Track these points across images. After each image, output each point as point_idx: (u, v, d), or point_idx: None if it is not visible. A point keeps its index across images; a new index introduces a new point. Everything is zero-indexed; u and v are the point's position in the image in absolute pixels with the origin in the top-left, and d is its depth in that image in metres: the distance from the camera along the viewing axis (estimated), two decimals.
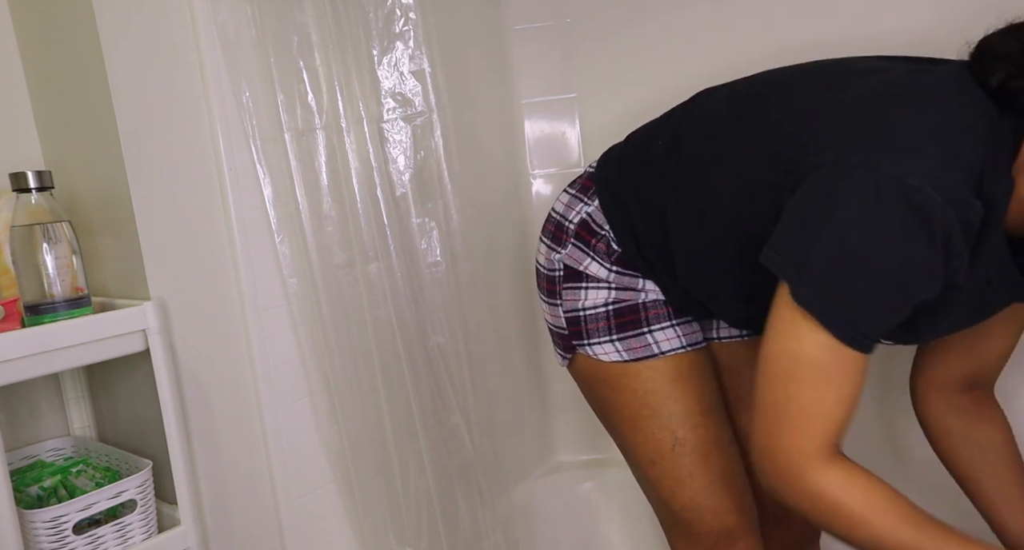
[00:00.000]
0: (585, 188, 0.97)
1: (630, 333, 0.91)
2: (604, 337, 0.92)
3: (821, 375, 0.67)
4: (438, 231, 1.18)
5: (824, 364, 0.67)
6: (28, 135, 1.09)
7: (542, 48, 1.55)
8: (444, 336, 1.20)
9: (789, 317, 0.68)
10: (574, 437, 1.69)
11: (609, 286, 0.92)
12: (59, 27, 1.00)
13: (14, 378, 0.83)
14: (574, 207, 0.96)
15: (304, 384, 1.16)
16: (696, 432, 0.91)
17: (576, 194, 0.97)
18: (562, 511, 1.61)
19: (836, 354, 0.66)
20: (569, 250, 0.94)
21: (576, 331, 0.94)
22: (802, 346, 0.67)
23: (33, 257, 0.88)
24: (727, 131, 0.82)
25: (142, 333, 0.93)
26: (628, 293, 0.92)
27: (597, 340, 0.92)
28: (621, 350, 0.91)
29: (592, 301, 0.92)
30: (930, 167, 0.63)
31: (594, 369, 0.94)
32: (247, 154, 1.07)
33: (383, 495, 1.20)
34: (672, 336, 0.92)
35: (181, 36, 1.01)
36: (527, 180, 1.60)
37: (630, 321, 0.92)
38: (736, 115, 0.83)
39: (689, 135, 0.87)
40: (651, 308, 0.92)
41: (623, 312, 0.92)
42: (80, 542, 0.89)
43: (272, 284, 1.11)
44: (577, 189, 0.98)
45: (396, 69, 1.15)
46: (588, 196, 0.95)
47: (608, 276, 0.92)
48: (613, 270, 0.92)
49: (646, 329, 0.92)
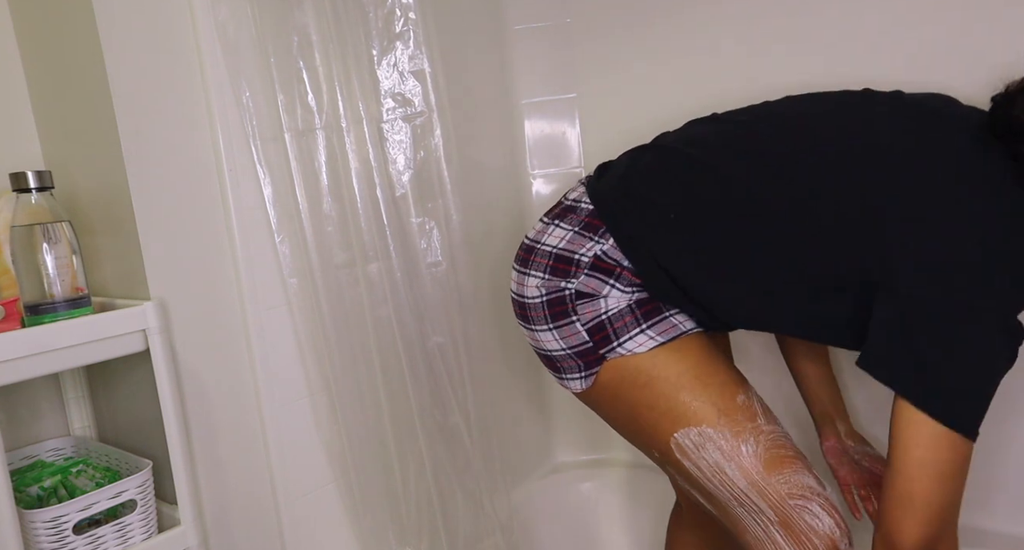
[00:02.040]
0: (592, 227, 0.92)
1: (656, 319, 0.91)
2: (634, 330, 0.90)
3: (959, 472, 0.77)
4: (438, 231, 1.18)
5: (960, 463, 0.77)
6: (28, 135, 1.09)
7: (542, 48, 1.55)
8: (444, 336, 1.20)
9: (927, 428, 0.76)
10: (574, 437, 1.69)
11: (629, 293, 0.92)
12: (59, 27, 1.00)
13: (14, 378, 0.84)
14: (582, 244, 0.92)
15: (304, 384, 1.16)
16: (750, 394, 0.92)
17: (580, 232, 0.93)
18: (562, 511, 1.61)
19: (965, 449, 0.76)
20: (583, 279, 0.91)
21: (602, 336, 0.91)
22: (940, 452, 0.76)
23: (33, 257, 0.88)
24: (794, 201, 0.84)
25: (142, 333, 0.93)
26: (647, 293, 0.92)
27: (628, 336, 0.90)
28: (655, 335, 0.90)
29: (615, 303, 0.91)
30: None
31: (625, 372, 0.91)
32: (247, 154, 1.07)
33: (383, 495, 1.20)
34: (686, 318, 0.93)
35: (181, 36, 1.01)
36: (527, 180, 1.60)
37: (653, 309, 0.91)
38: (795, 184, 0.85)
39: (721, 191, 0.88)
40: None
41: (643, 302, 0.91)
42: (80, 542, 0.89)
43: (272, 284, 1.11)
44: (580, 227, 0.93)
45: (396, 69, 1.15)
46: (599, 235, 0.92)
47: (631, 299, 0.91)
48: (635, 291, 0.91)
49: (668, 313, 0.92)
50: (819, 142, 0.85)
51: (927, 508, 0.77)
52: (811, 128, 0.87)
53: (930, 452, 0.76)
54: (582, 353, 0.92)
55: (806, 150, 0.84)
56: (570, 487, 1.63)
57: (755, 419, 0.88)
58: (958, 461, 0.76)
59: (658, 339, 0.90)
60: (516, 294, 0.99)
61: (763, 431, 0.88)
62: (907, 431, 0.77)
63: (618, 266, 0.91)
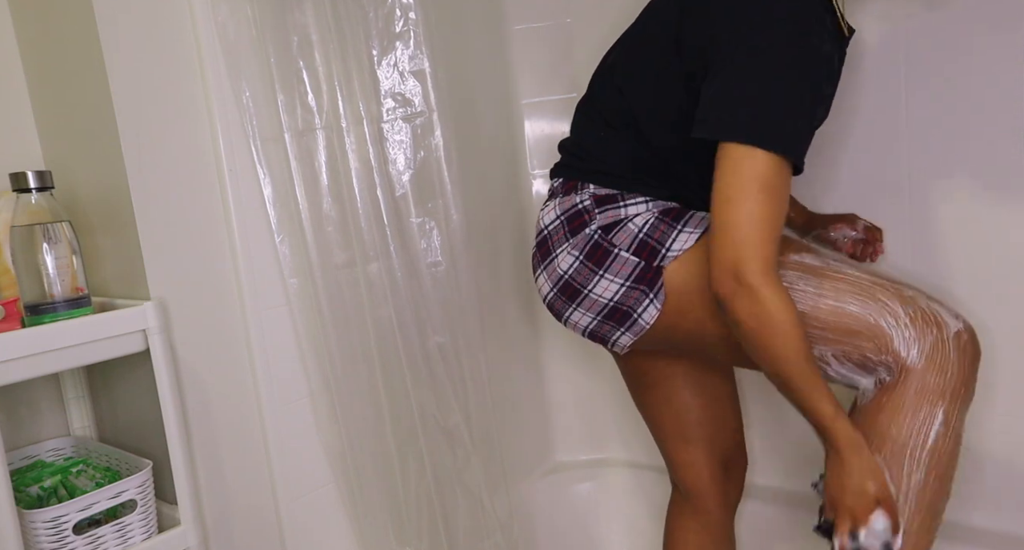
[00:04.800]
0: (569, 188, 1.02)
1: (686, 217, 0.97)
2: (674, 233, 0.96)
3: (774, 193, 0.83)
4: (438, 231, 1.18)
5: (774, 182, 0.82)
6: (28, 135, 1.09)
7: (542, 48, 1.55)
8: (444, 336, 1.19)
9: (738, 154, 0.82)
10: (574, 437, 1.69)
11: (649, 210, 0.98)
12: (59, 27, 1.00)
13: (14, 378, 0.84)
14: (573, 199, 1.01)
15: (304, 384, 1.16)
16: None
17: (564, 195, 1.03)
18: (562, 511, 1.61)
19: (782, 172, 0.83)
20: (600, 216, 0.98)
21: (650, 250, 0.95)
22: (756, 170, 0.82)
23: (33, 257, 0.88)
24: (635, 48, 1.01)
25: (142, 333, 0.93)
26: (665, 203, 0.99)
27: (672, 239, 0.95)
28: (693, 229, 0.96)
29: (643, 221, 0.96)
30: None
31: (690, 266, 0.94)
32: (247, 154, 1.07)
33: (383, 495, 1.20)
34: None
35: (181, 36, 1.01)
36: (527, 180, 1.60)
37: (678, 213, 0.98)
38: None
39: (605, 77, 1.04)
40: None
41: (668, 211, 0.98)
42: (80, 542, 0.89)
43: (272, 284, 1.11)
44: (562, 193, 1.03)
45: (396, 69, 1.15)
46: (580, 189, 1.01)
47: (648, 206, 0.98)
48: (648, 199, 0.98)
49: (693, 212, 0.99)
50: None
51: (736, 230, 0.82)
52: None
53: (743, 179, 0.82)
54: (639, 276, 0.95)
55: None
56: (570, 487, 1.63)
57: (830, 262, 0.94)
58: (775, 184, 0.82)
59: (697, 231, 0.95)
60: (555, 283, 1.01)
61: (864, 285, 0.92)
62: (723, 165, 0.84)
63: (612, 191, 0.99)
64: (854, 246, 1.20)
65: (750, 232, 0.81)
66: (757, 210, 0.81)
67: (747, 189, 0.82)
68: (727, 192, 0.83)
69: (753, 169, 0.82)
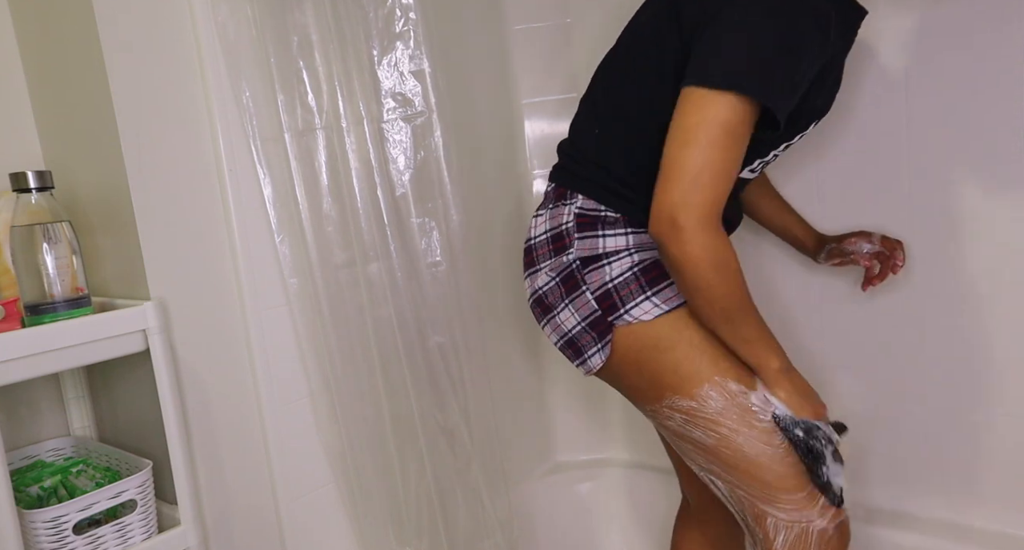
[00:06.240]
0: (561, 196, 1.00)
1: (661, 286, 0.93)
2: (639, 297, 0.93)
3: (737, 140, 0.81)
4: (438, 231, 1.18)
5: (739, 130, 0.81)
6: (28, 135, 1.09)
7: (542, 48, 1.55)
8: (444, 336, 1.20)
9: (704, 96, 0.80)
10: (574, 437, 1.69)
11: (629, 252, 0.94)
12: (59, 27, 1.00)
13: (14, 378, 0.84)
14: (560, 214, 0.98)
15: (304, 384, 1.16)
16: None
17: (555, 206, 1.00)
18: (562, 511, 1.61)
19: (748, 119, 0.81)
20: (579, 244, 0.95)
21: (610, 304, 0.93)
22: (721, 114, 0.80)
23: (33, 257, 0.88)
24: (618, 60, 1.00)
25: (142, 333, 0.93)
26: (649, 252, 0.94)
27: (633, 303, 0.93)
28: (659, 302, 0.92)
29: (619, 270, 0.93)
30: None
31: (639, 337, 0.93)
32: (247, 154, 1.07)
33: (383, 495, 1.20)
34: None
35: (181, 36, 1.01)
36: (527, 180, 1.60)
37: (657, 276, 0.93)
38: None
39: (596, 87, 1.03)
40: None
41: (648, 269, 0.94)
42: (80, 542, 0.89)
43: (272, 284, 1.11)
44: (553, 202, 1.01)
45: (396, 69, 1.15)
46: (569, 198, 0.98)
47: (627, 242, 0.94)
48: (629, 232, 0.95)
49: (671, 281, 0.94)
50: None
51: (687, 173, 0.80)
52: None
53: (707, 121, 0.80)
54: (593, 323, 0.95)
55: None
56: (569, 487, 1.63)
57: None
58: (740, 132, 0.81)
59: (663, 307, 0.92)
60: (532, 292, 1.02)
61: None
62: (685, 106, 0.82)
63: (596, 211, 0.96)
64: (871, 259, 1.18)
65: (701, 177, 0.79)
66: (716, 156, 0.79)
67: (710, 132, 0.79)
68: (686, 135, 0.81)
69: (718, 113, 0.79)
